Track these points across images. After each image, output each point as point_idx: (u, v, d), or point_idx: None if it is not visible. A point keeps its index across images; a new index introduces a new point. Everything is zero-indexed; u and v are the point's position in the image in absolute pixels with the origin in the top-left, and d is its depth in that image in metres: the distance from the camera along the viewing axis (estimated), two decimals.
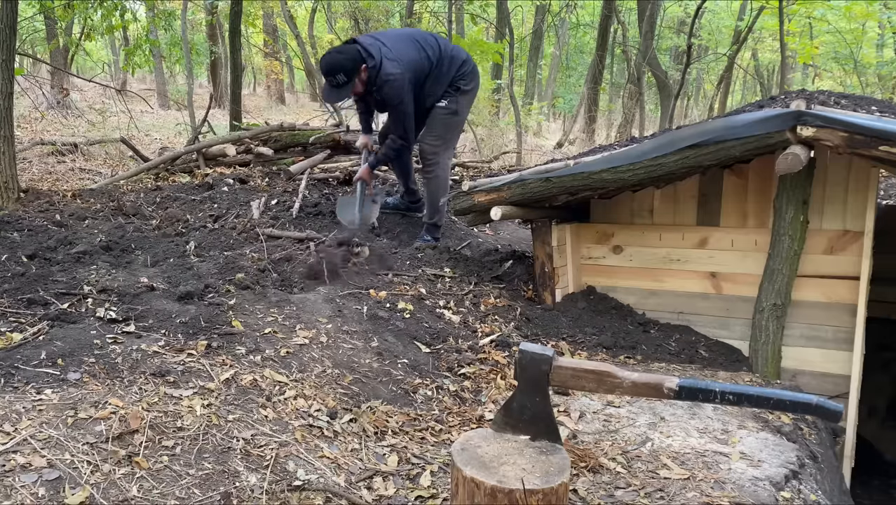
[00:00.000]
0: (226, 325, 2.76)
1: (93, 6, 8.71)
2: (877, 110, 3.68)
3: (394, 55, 4.12)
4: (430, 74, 4.32)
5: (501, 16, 13.51)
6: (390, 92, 4.13)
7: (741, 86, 24.83)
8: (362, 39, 4.21)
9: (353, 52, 4.09)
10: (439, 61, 4.31)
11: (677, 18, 18.84)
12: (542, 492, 1.49)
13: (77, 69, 15.90)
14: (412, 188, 4.98)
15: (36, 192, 5.21)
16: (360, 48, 4.10)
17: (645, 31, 11.35)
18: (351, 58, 4.06)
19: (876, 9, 12.16)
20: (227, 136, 6.86)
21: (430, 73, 4.31)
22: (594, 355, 3.38)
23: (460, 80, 4.40)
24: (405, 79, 4.14)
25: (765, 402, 1.58)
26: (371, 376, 2.77)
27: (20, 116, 9.12)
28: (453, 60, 4.36)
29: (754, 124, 3.10)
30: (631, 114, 11.83)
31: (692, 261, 3.80)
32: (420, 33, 4.54)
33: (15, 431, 1.88)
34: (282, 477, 2.00)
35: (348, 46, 4.17)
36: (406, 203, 5.07)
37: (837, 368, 3.43)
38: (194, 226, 4.44)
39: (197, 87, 16.63)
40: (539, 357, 1.65)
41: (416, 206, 5.02)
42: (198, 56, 15.69)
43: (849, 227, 3.40)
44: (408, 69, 4.15)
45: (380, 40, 4.19)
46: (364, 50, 4.09)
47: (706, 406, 2.78)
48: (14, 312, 2.71)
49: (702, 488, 2.14)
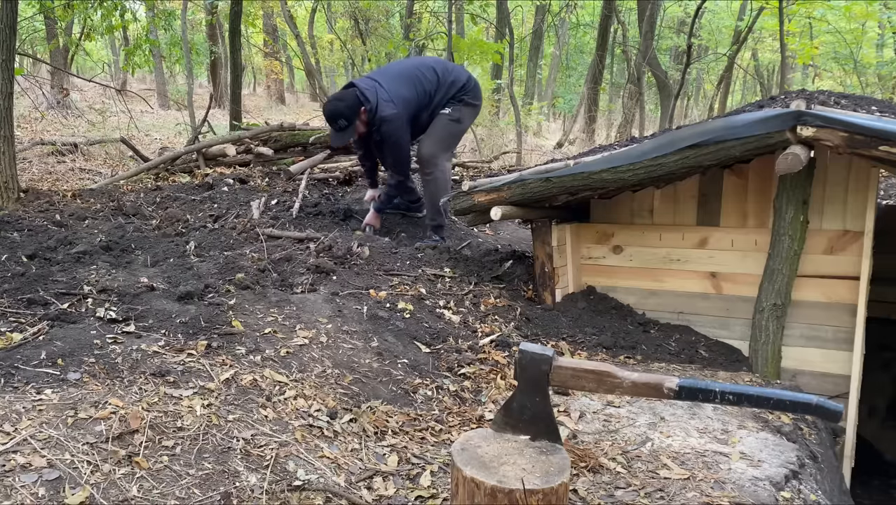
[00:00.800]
0: (226, 325, 2.76)
1: (93, 6, 8.71)
2: (877, 110, 3.68)
3: (389, 96, 4.37)
4: (429, 105, 4.57)
5: (501, 16, 13.51)
6: (387, 130, 4.41)
7: (741, 86, 24.83)
8: (360, 83, 4.47)
9: (352, 97, 4.39)
10: (436, 91, 4.55)
11: (677, 18, 18.85)
12: (542, 492, 1.49)
13: (77, 69, 15.90)
14: (410, 187, 5.01)
15: (36, 192, 5.21)
16: (359, 92, 4.38)
17: (645, 31, 11.35)
18: (349, 104, 4.37)
19: (876, 9, 12.16)
20: (227, 136, 6.86)
21: (429, 104, 4.56)
22: (594, 355, 3.38)
23: (464, 96, 4.63)
24: (401, 118, 4.40)
25: (765, 402, 1.58)
26: (371, 376, 2.77)
27: (20, 116, 9.12)
28: (453, 84, 4.60)
29: (754, 124, 3.10)
30: (631, 114, 11.83)
31: (692, 261, 3.80)
32: (419, 66, 4.69)
33: (15, 431, 1.88)
34: (282, 477, 2.00)
35: (347, 92, 4.46)
36: (405, 203, 5.09)
37: (837, 368, 3.42)
38: (194, 226, 4.44)
39: (197, 87, 16.64)
40: (539, 357, 1.65)
41: (416, 206, 5.06)
42: (198, 56, 15.70)
43: (849, 227, 3.40)
44: (404, 108, 4.41)
45: (377, 81, 4.44)
46: (361, 94, 4.37)
47: (706, 406, 2.78)
48: (14, 312, 2.71)
49: (702, 488, 2.14)
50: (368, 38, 14.11)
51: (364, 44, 14.05)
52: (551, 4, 14.93)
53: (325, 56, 18.25)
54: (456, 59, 9.93)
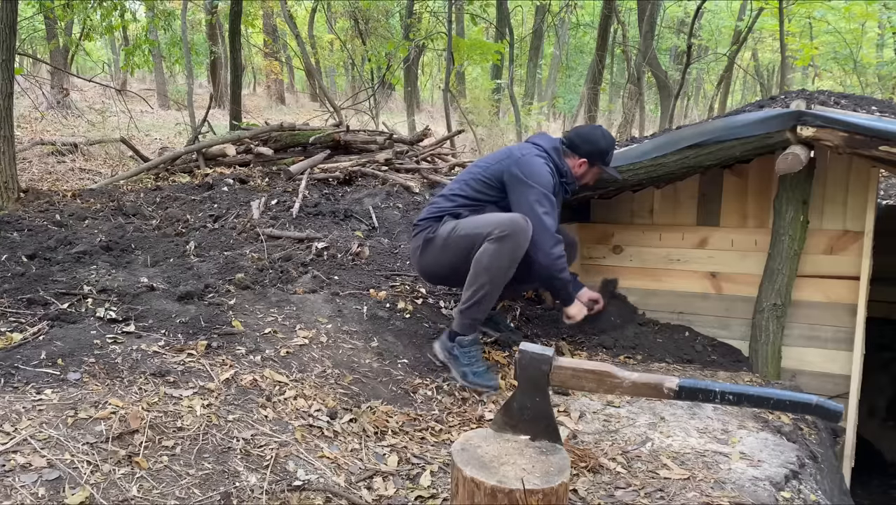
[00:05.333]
0: (226, 325, 2.77)
1: (92, 6, 8.72)
2: (877, 110, 3.68)
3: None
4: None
5: (501, 16, 13.51)
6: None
7: (741, 86, 24.83)
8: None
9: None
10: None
11: (677, 18, 18.84)
12: (542, 492, 1.49)
13: (77, 69, 15.90)
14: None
15: (36, 192, 5.21)
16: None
17: (645, 31, 11.34)
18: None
19: (876, 9, 12.15)
20: (227, 136, 6.85)
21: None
22: (594, 355, 3.38)
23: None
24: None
25: (765, 402, 1.58)
26: (371, 376, 2.77)
27: (20, 116, 9.11)
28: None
29: (754, 124, 3.10)
30: (631, 114, 11.83)
31: (692, 261, 3.80)
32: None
33: (15, 431, 1.88)
34: (282, 477, 2.00)
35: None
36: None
37: (837, 368, 3.42)
38: (194, 226, 4.44)
39: (197, 87, 16.63)
40: (539, 357, 1.65)
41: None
42: (198, 56, 15.70)
43: (849, 227, 3.40)
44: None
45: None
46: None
47: (706, 406, 2.78)
48: (14, 312, 2.71)
49: (702, 488, 2.14)
50: (368, 38, 14.12)
51: (364, 44, 14.07)
52: (551, 4, 14.91)
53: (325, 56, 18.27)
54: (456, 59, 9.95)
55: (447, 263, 3.01)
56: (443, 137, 7.60)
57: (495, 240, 2.78)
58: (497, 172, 3.04)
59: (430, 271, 3.17)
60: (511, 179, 2.99)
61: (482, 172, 3.09)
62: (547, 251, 2.92)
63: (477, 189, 3.07)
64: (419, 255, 3.11)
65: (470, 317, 2.90)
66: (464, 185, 3.11)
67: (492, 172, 3.06)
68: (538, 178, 2.96)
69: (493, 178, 3.05)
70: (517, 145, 3.20)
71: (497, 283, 2.84)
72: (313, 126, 7.12)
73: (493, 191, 3.05)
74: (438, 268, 3.09)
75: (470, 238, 2.88)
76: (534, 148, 3.10)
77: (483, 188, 3.06)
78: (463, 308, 2.90)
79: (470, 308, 2.88)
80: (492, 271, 2.80)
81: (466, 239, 2.89)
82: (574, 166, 3.18)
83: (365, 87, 13.01)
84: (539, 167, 3.00)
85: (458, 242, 2.92)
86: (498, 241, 2.77)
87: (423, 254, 3.09)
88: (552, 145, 3.15)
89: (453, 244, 2.94)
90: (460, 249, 2.91)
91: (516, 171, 2.98)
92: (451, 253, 2.96)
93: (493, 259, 2.78)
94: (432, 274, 3.20)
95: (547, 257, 2.92)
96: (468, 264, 2.88)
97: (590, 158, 3.16)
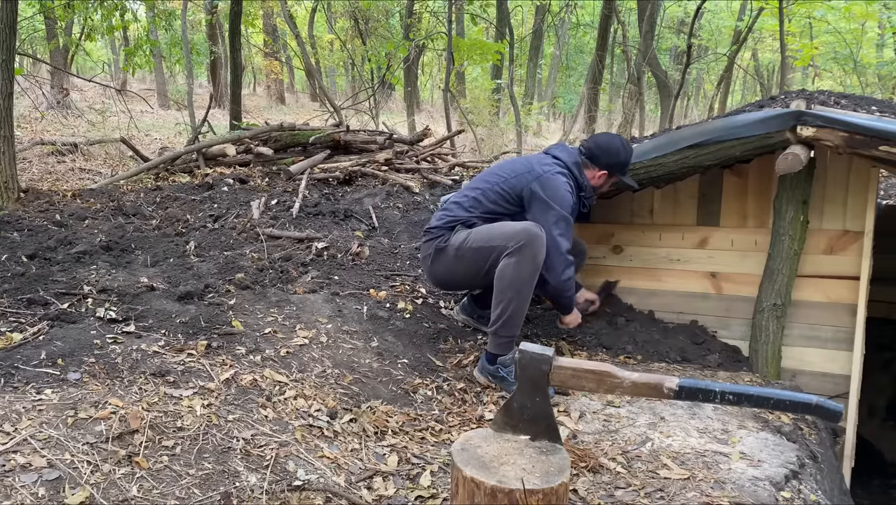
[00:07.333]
0: (226, 325, 2.77)
1: (93, 6, 8.72)
2: (877, 110, 3.68)
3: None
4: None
5: (501, 16, 13.50)
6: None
7: (741, 86, 24.83)
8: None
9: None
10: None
11: (677, 18, 18.85)
12: (542, 492, 1.49)
13: (77, 69, 15.90)
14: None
15: (36, 192, 5.21)
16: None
17: (645, 31, 11.34)
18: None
19: (876, 9, 12.15)
20: (227, 136, 6.86)
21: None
22: (594, 355, 3.38)
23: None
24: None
25: (765, 402, 1.58)
26: (371, 376, 2.77)
27: (20, 116, 9.12)
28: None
29: (754, 124, 3.10)
30: (631, 114, 11.82)
31: (692, 261, 3.79)
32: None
33: (15, 431, 1.88)
34: (282, 477, 2.00)
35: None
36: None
37: (837, 368, 3.42)
38: (194, 226, 4.44)
39: (197, 87, 16.64)
40: (539, 357, 1.65)
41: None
42: (198, 56, 15.68)
43: (849, 227, 3.40)
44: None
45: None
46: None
47: (706, 406, 2.78)
48: (14, 312, 2.71)
49: (702, 488, 2.14)
50: (368, 38, 14.13)
51: (364, 44, 14.07)
52: (551, 4, 14.92)
53: (325, 56, 18.27)
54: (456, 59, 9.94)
55: (460, 273, 3.01)
56: (443, 137, 7.60)
57: (513, 253, 2.77)
58: (517, 187, 3.01)
59: (441, 280, 3.17)
60: (531, 197, 2.97)
61: (501, 184, 3.05)
62: (558, 273, 2.94)
63: (494, 201, 3.04)
64: (430, 263, 3.10)
65: (505, 335, 2.88)
66: (480, 196, 3.07)
67: (511, 186, 3.02)
68: (559, 200, 2.94)
69: (511, 193, 3.02)
70: (537, 157, 3.15)
71: (524, 294, 2.83)
72: (313, 126, 7.12)
73: (510, 205, 3.03)
74: (450, 277, 3.09)
75: (483, 251, 2.87)
76: (555, 164, 3.06)
77: (500, 201, 3.04)
78: (496, 328, 2.87)
79: (503, 326, 2.85)
80: (516, 285, 2.79)
81: (479, 252, 2.89)
82: (593, 178, 3.17)
83: (365, 87, 13.01)
84: (561, 187, 2.97)
85: (470, 255, 2.92)
86: (517, 254, 2.76)
87: (434, 263, 3.08)
88: (573, 160, 3.12)
89: (466, 256, 2.94)
90: (473, 261, 2.92)
91: (537, 190, 2.95)
92: (464, 264, 2.96)
93: (515, 272, 2.77)
94: (444, 282, 3.20)
95: (557, 279, 2.95)
96: (481, 274, 2.89)
97: (610, 170, 3.16)
